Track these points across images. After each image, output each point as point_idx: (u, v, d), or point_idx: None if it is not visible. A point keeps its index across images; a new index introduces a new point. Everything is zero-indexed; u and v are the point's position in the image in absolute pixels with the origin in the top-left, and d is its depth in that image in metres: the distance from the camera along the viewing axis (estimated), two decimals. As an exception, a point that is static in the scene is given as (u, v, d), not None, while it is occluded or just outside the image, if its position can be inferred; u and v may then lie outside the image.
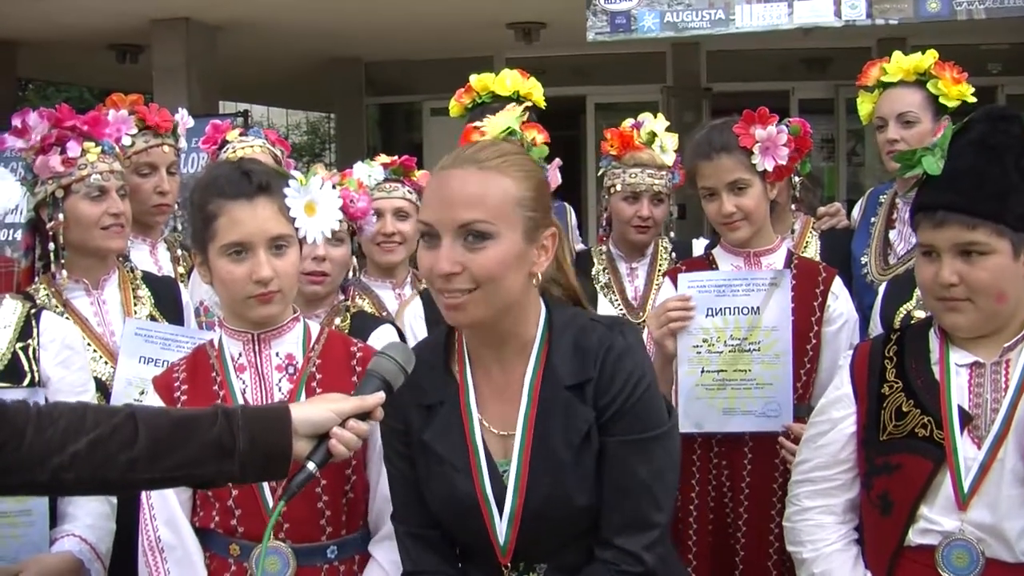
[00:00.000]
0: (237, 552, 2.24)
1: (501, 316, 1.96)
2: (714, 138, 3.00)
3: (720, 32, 6.59)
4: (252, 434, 1.85)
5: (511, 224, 1.91)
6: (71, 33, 11.23)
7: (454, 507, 2.01)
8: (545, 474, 1.96)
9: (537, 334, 2.02)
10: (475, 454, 2.00)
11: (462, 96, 3.93)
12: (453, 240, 1.89)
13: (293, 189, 2.38)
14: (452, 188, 1.91)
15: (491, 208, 1.89)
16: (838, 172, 13.31)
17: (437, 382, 2.06)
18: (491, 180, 1.91)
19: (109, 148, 2.97)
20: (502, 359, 2.03)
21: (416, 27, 11.26)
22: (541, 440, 1.97)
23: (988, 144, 2.16)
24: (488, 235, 1.88)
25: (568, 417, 1.96)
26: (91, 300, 2.99)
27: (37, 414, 1.80)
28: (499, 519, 1.98)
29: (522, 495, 1.96)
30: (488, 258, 1.88)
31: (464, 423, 2.02)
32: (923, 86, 3.41)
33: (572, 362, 1.98)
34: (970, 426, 2.17)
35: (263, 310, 2.30)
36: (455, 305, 1.92)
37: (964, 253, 2.15)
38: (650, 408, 1.97)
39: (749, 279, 2.95)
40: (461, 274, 1.89)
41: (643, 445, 1.95)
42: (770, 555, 2.97)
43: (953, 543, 2.14)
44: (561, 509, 1.96)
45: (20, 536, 2.43)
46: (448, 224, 1.89)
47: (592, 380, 1.95)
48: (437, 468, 2.02)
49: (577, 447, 1.95)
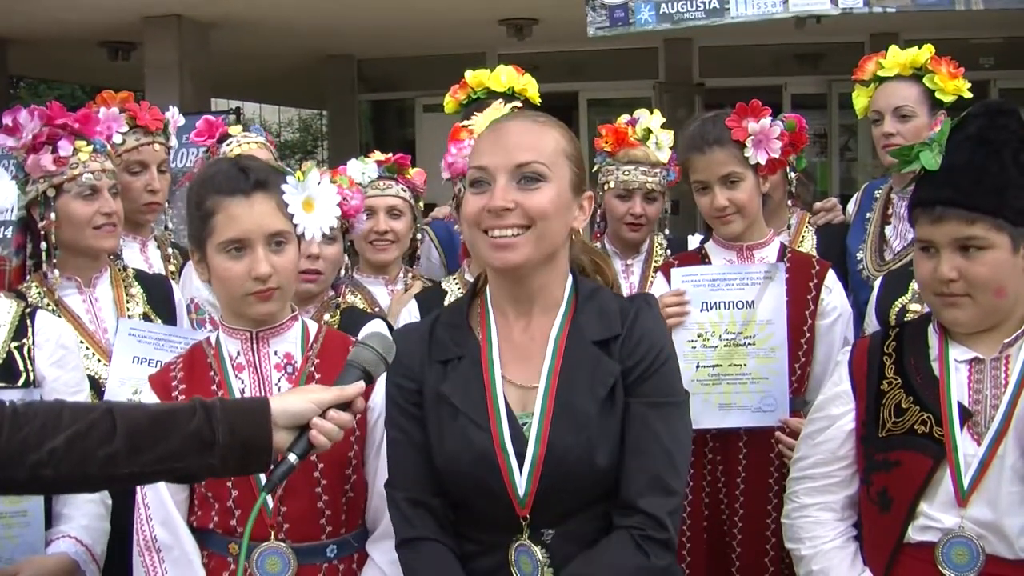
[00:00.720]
0: (236, 551, 2.22)
1: (542, 265, 2.03)
2: (707, 131, 3.01)
3: (716, 22, 6.57)
4: (231, 426, 1.84)
5: (561, 172, 2.03)
6: (63, 30, 11.19)
7: (469, 460, 2.00)
8: (568, 426, 1.97)
9: (565, 294, 2.09)
10: (495, 406, 2.01)
11: (457, 92, 3.92)
12: (508, 181, 1.99)
13: (291, 185, 2.36)
14: (509, 135, 2.04)
15: (546, 153, 2.01)
16: (831, 167, 13.32)
17: (457, 339, 2.10)
18: (545, 131, 2.06)
19: (101, 147, 2.96)
20: (528, 318, 2.08)
21: (409, 24, 11.24)
22: (565, 393, 2.00)
23: (986, 139, 2.16)
24: (542, 176, 1.99)
25: (594, 371, 2.00)
26: (83, 298, 2.98)
27: (13, 412, 1.79)
28: (518, 471, 1.97)
29: (543, 445, 1.97)
30: (543, 197, 1.99)
31: (485, 376, 2.04)
32: (919, 80, 3.41)
33: (599, 321, 2.05)
34: (970, 422, 2.17)
35: (262, 307, 2.28)
36: (506, 244, 1.98)
37: (963, 248, 2.15)
38: (672, 375, 2.05)
39: (743, 273, 2.95)
40: (514, 211, 1.97)
41: (666, 410, 2.01)
42: (766, 550, 2.97)
43: (953, 540, 2.14)
44: (582, 465, 1.96)
45: (16, 537, 2.43)
46: (504, 165, 1.99)
47: (619, 337, 2.02)
48: (452, 421, 2.02)
49: (602, 400, 1.98)
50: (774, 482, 2.97)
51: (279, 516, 2.23)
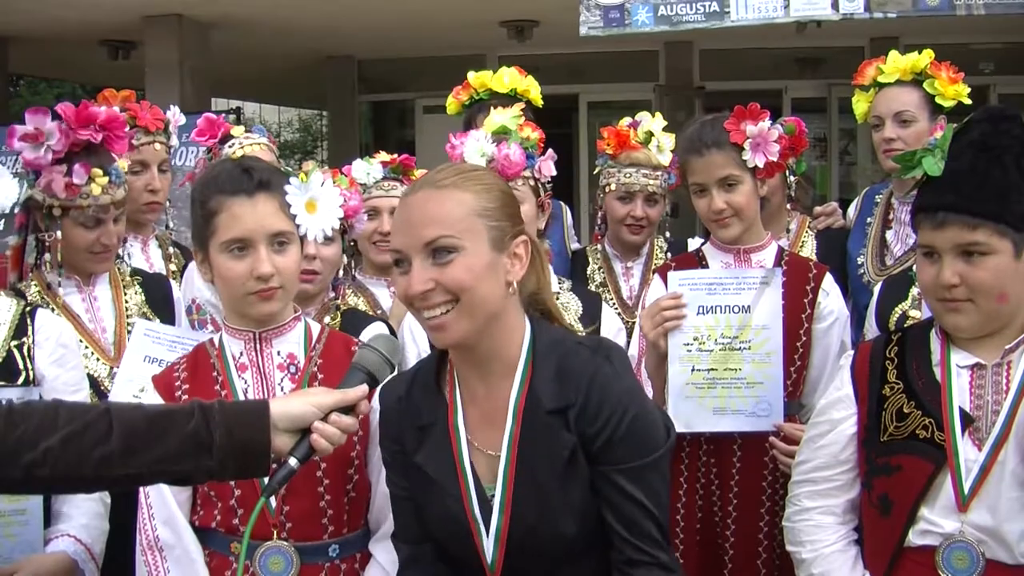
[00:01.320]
0: (238, 550, 2.19)
1: (484, 331, 1.96)
2: (705, 134, 3.00)
3: (715, 26, 6.53)
4: (229, 428, 1.83)
5: (475, 235, 1.93)
6: (63, 28, 11.18)
7: (447, 528, 2.03)
8: (529, 497, 1.96)
9: (522, 355, 2.02)
10: (463, 476, 2.01)
11: (459, 93, 3.92)
12: (423, 260, 1.92)
13: (294, 186, 2.37)
14: (412, 211, 1.96)
15: (452, 222, 1.93)
16: (830, 171, 13.32)
17: (430, 403, 2.07)
18: (447, 196, 1.96)
19: (117, 178, 2.91)
20: (488, 381, 2.03)
21: (409, 25, 11.24)
22: (525, 463, 1.97)
23: (988, 144, 2.16)
24: (453, 248, 1.91)
25: (550, 441, 1.96)
26: (83, 297, 2.98)
27: (8, 412, 1.79)
28: (487, 538, 1.99)
29: (507, 516, 1.97)
30: (457, 270, 1.91)
31: (452, 445, 2.03)
32: (919, 85, 3.42)
33: (554, 386, 1.98)
34: (971, 428, 2.17)
35: (264, 307, 2.29)
36: (438, 325, 1.94)
37: (965, 254, 2.15)
38: (642, 435, 1.96)
39: (740, 277, 2.95)
40: (435, 290, 1.92)
41: (640, 472, 1.95)
42: (759, 553, 2.96)
43: (953, 544, 2.14)
44: (547, 534, 1.96)
45: (15, 536, 2.43)
46: (414, 245, 1.93)
47: (574, 406, 1.95)
48: (429, 490, 2.04)
49: (560, 472, 1.95)
50: (767, 485, 2.97)
51: (282, 515, 2.23)
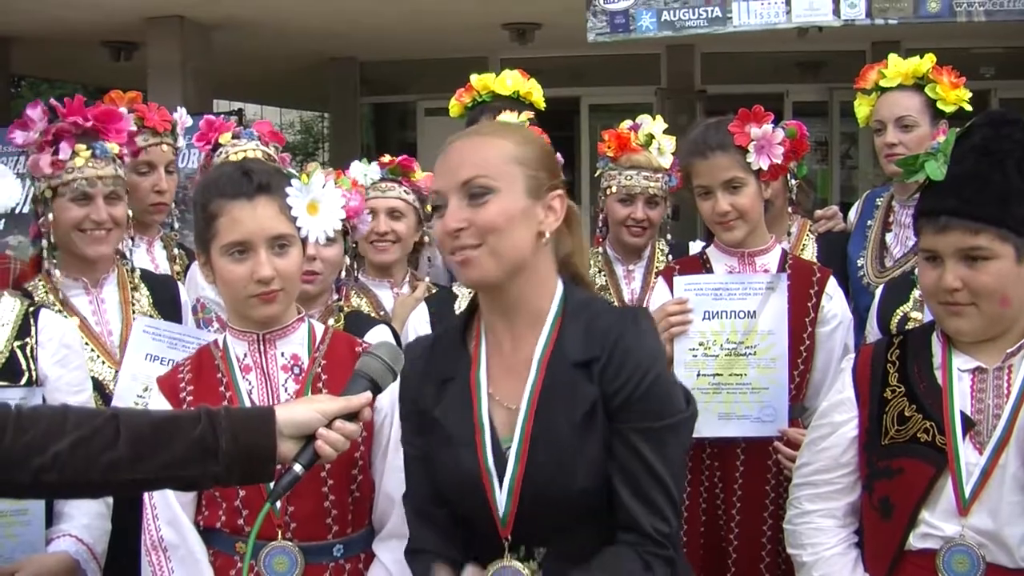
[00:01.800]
0: (243, 550, 2.23)
1: (512, 276, 2.00)
2: (709, 136, 3.00)
3: (718, 31, 6.55)
4: (235, 435, 1.84)
5: (511, 180, 1.98)
6: (65, 29, 11.19)
7: (458, 482, 2.02)
8: (545, 449, 1.97)
9: (551, 309, 2.05)
10: (480, 429, 2.01)
11: (462, 95, 3.92)
12: (459, 200, 1.97)
13: (295, 188, 2.37)
14: (453, 154, 2.02)
15: (489, 165, 1.98)
16: (831, 175, 13.33)
17: (453, 358, 2.10)
18: (488, 142, 2.03)
19: (102, 152, 2.92)
20: (515, 332, 2.06)
21: (411, 27, 11.25)
22: (544, 415, 1.98)
23: (990, 149, 2.16)
24: (489, 189, 1.96)
25: (572, 394, 1.98)
26: (90, 299, 2.98)
27: (17, 416, 1.80)
28: (499, 491, 1.99)
29: (522, 467, 1.97)
30: (490, 210, 1.96)
31: (472, 398, 2.04)
32: (921, 90, 3.43)
33: (582, 340, 2.01)
34: (972, 432, 2.17)
35: (265, 310, 2.30)
36: (465, 260, 1.98)
37: (967, 258, 2.15)
38: (661, 397, 1.97)
39: (746, 283, 2.95)
40: (467, 229, 1.96)
41: (657, 435, 1.95)
42: (762, 557, 2.97)
43: (954, 548, 2.14)
44: (560, 487, 1.96)
45: (16, 536, 2.43)
46: (452, 185, 1.98)
47: (598, 360, 1.97)
48: (445, 444, 2.04)
49: (579, 425, 1.96)
50: (771, 489, 2.97)
51: (286, 516, 2.24)
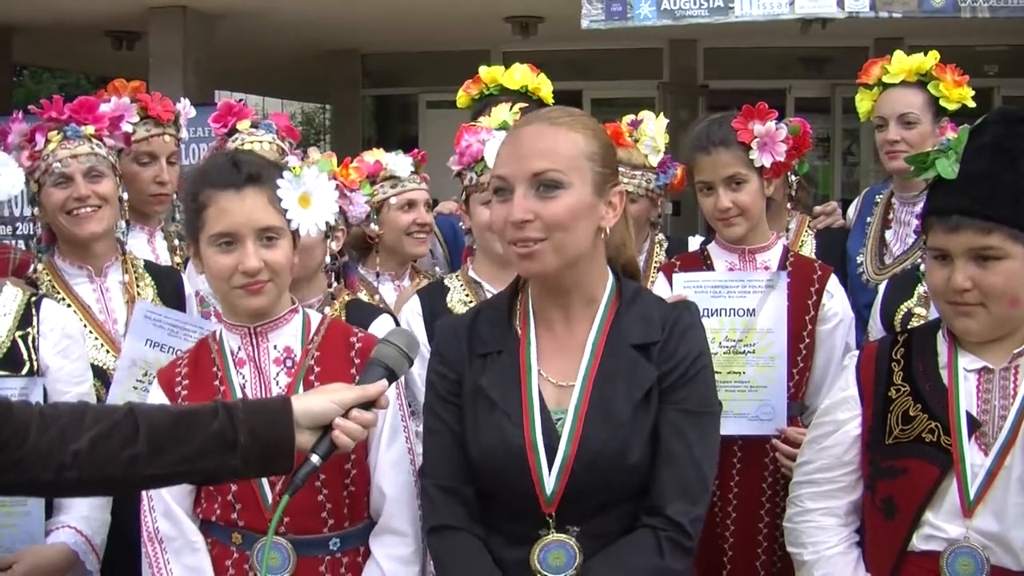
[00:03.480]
0: (239, 541, 2.25)
1: (569, 268, 2.02)
2: (712, 132, 3.00)
3: (719, 21, 6.50)
4: (253, 427, 1.85)
5: (581, 176, 1.99)
6: (67, 19, 11.17)
7: (501, 455, 2.02)
8: (602, 426, 1.98)
9: (604, 295, 2.09)
10: (529, 401, 2.02)
11: (470, 87, 3.89)
12: (527, 190, 1.98)
13: (287, 180, 2.35)
14: (525, 142, 2.02)
15: (562, 159, 1.98)
16: (833, 171, 13.32)
17: (497, 334, 2.11)
18: (561, 134, 2.02)
19: (73, 133, 2.95)
20: (567, 315, 2.08)
21: (414, 19, 11.23)
22: (601, 392, 2.01)
23: (1003, 147, 2.14)
24: (559, 184, 1.97)
25: (632, 373, 2.01)
26: (94, 287, 2.99)
27: (40, 414, 1.81)
28: (547, 468, 1.99)
29: (575, 444, 1.98)
30: (559, 206, 1.96)
31: (522, 372, 2.05)
32: (924, 87, 3.42)
33: (640, 325, 2.05)
34: (978, 432, 2.15)
35: (251, 301, 2.28)
36: (527, 254, 1.98)
37: (978, 258, 2.13)
38: (708, 384, 2.05)
39: (745, 280, 2.95)
40: (533, 222, 1.97)
41: (699, 419, 2.02)
42: (758, 555, 2.97)
43: (958, 550, 2.12)
44: (613, 463, 1.98)
45: (16, 526, 2.43)
46: (522, 175, 1.98)
47: (658, 343, 2.02)
48: (488, 415, 2.04)
49: (637, 403, 1.99)
50: (767, 487, 2.97)
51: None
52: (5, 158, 2.67)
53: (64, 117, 2.95)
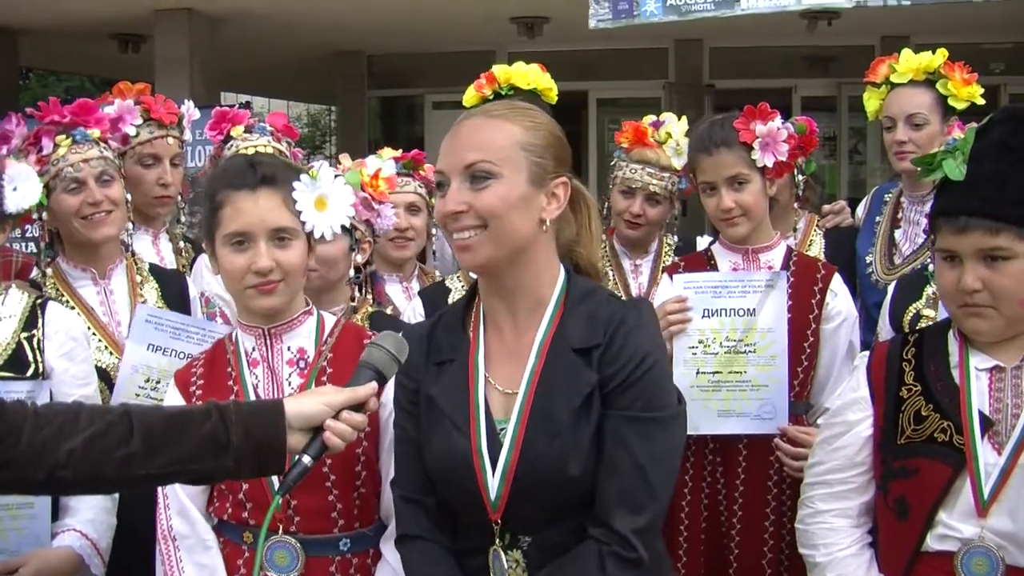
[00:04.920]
0: (251, 540, 2.27)
1: (512, 262, 2.01)
2: (714, 133, 3.01)
3: (725, 14, 6.46)
4: (246, 428, 1.86)
5: (514, 166, 1.99)
6: (74, 21, 11.21)
7: (449, 464, 2.03)
8: (542, 434, 1.97)
9: (552, 296, 2.06)
10: (475, 411, 2.02)
11: (483, 87, 3.85)
12: (460, 183, 1.98)
13: (303, 183, 2.38)
14: (462, 136, 2.03)
15: (494, 150, 1.98)
16: (839, 170, 13.30)
17: (452, 341, 2.11)
18: (495, 125, 2.03)
19: (82, 137, 2.96)
20: (515, 318, 2.07)
21: (419, 20, 11.25)
22: (542, 399, 1.99)
23: (1009, 146, 2.13)
24: (490, 175, 1.97)
25: (572, 379, 1.99)
26: (98, 290, 2.99)
27: (34, 413, 1.82)
28: (491, 474, 1.99)
29: (517, 451, 1.97)
30: (490, 195, 1.96)
31: (470, 380, 2.05)
32: (932, 86, 3.40)
33: (584, 327, 2.02)
34: (991, 431, 2.14)
35: (263, 301, 2.30)
36: (465, 245, 1.99)
37: (987, 258, 2.11)
38: (655, 388, 1.98)
39: (745, 280, 2.96)
40: (467, 212, 1.97)
41: (643, 425, 1.96)
42: (764, 553, 2.97)
43: (973, 550, 2.11)
44: (553, 472, 1.96)
45: (22, 529, 2.43)
46: (455, 167, 1.99)
47: (600, 346, 1.99)
48: (438, 424, 2.05)
49: (576, 410, 1.97)
50: (773, 485, 2.97)
51: (289, 510, 2.25)
52: (27, 170, 2.68)
53: (66, 120, 2.95)
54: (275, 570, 2.23)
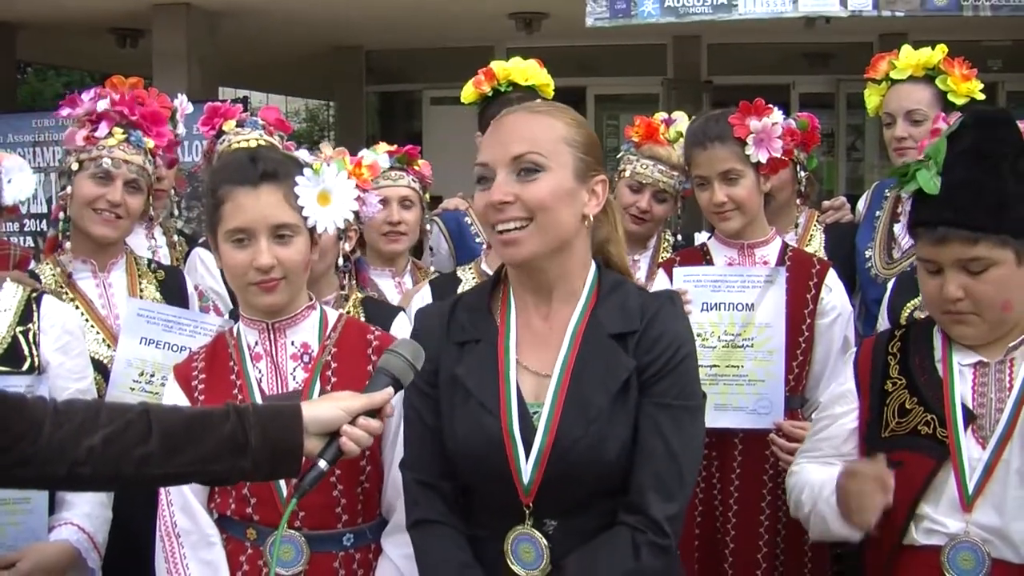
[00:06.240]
0: (254, 536, 2.27)
1: (553, 255, 2.02)
2: (709, 128, 3.03)
3: (723, 18, 6.48)
4: (264, 431, 1.87)
5: (561, 160, 2.01)
6: (72, 16, 11.18)
7: (478, 445, 2.01)
8: (578, 418, 1.97)
9: (585, 286, 2.08)
10: (506, 392, 2.02)
11: (482, 83, 3.84)
12: (507, 174, 1.99)
13: (306, 178, 2.36)
14: (505, 128, 2.05)
15: (541, 142, 2.00)
16: (837, 167, 13.29)
17: (476, 322, 2.10)
18: (540, 120, 2.05)
19: (136, 140, 2.97)
20: (548, 305, 2.08)
21: (418, 16, 11.23)
22: (578, 383, 1.99)
23: (982, 153, 2.14)
24: (539, 167, 1.99)
25: (608, 364, 1.99)
26: (97, 283, 3.00)
27: (54, 410, 1.83)
28: (524, 459, 1.98)
29: (552, 435, 1.97)
30: (539, 188, 1.98)
31: (500, 362, 2.04)
32: (932, 82, 3.40)
33: (619, 315, 2.03)
34: (975, 425, 2.15)
35: (265, 298, 2.30)
36: (510, 239, 1.99)
37: (967, 267, 2.13)
38: (689, 377, 2.02)
39: (744, 275, 2.97)
40: (514, 204, 1.98)
41: (678, 412, 1.99)
42: (759, 547, 2.98)
43: (959, 545, 2.13)
44: (589, 457, 1.96)
45: (19, 523, 2.43)
46: (502, 159, 2.00)
47: (636, 332, 2.00)
48: (464, 405, 2.04)
49: (614, 395, 1.98)
50: (768, 479, 2.99)
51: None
52: (20, 162, 2.68)
53: (134, 118, 2.96)
54: (280, 565, 2.22)
